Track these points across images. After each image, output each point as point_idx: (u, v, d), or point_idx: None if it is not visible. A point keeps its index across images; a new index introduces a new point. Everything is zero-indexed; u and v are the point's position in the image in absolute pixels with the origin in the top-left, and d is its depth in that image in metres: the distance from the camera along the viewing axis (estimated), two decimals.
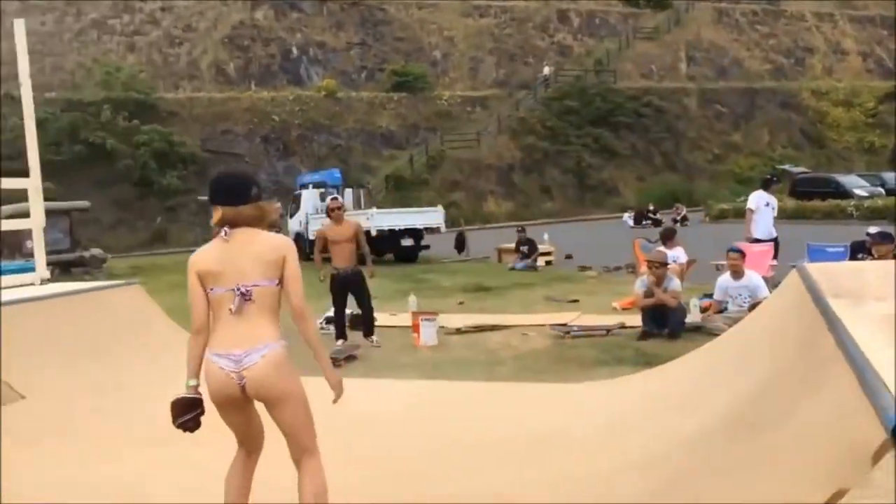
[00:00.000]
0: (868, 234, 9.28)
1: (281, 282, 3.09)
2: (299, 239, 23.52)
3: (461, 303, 12.14)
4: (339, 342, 8.61)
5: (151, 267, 21.27)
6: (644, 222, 29.82)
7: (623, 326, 9.01)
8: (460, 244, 21.57)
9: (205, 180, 35.32)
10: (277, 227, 3.78)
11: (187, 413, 3.00)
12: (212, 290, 3.05)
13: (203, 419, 3.10)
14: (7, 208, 18.17)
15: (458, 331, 9.39)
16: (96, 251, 20.89)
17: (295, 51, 43.73)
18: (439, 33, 46.78)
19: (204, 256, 3.11)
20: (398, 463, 4.53)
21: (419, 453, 4.66)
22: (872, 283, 4.33)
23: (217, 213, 3.09)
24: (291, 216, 24.60)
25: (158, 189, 33.92)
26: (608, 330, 8.91)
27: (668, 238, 11.65)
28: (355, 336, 8.91)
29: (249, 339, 3.00)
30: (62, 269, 17.88)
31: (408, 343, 8.84)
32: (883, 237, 8.57)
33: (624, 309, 10.24)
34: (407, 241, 20.39)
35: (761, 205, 11.17)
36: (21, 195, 8.70)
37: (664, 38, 48.45)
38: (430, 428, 5.26)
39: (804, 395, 3.00)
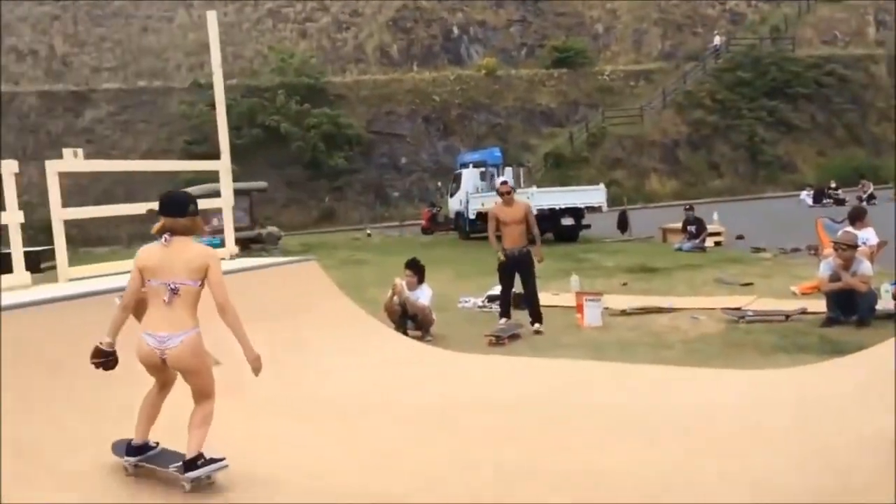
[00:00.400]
0: None
1: (203, 283, 3.85)
2: (459, 217, 23.87)
3: (625, 284, 11.81)
4: (503, 321, 8.60)
5: (321, 244, 22.36)
6: (825, 201, 27.71)
7: (805, 312, 8.40)
8: (623, 223, 20.99)
9: (370, 161, 36.89)
10: (202, 233, 4.34)
11: (100, 358, 3.90)
12: (150, 281, 3.86)
13: None
14: (196, 189, 19.69)
15: (623, 312, 9.13)
16: (273, 229, 22.21)
17: (456, 30, 44.16)
18: (601, 6, 45.57)
19: (148, 254, 3.91)
20: (561, 440, 4.47)
21: (580, 430, 4.57)
22: None
23: (160, 223, 3.90)
24: (452, 195, 24.96)
25: (327, 170, 35.53)
26: (788, 315, 8.34)
27: (857, 218, 10.71)
28: (519, 316, 8.86)
29: (173, 324, 3.81)
30: (242, 245, 19.11)
31: (571, 323, 8.71)
32: None
33: (804, 294, 9.56)
34: (567, 221, 20.10)
35: None
36: (207, 176, 9.34)
37: (849, 1, 44.54)
38: (595, 407, 5.14)
39: None
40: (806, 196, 28.99)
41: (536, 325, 8.47)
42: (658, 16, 45.23)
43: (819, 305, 8.37)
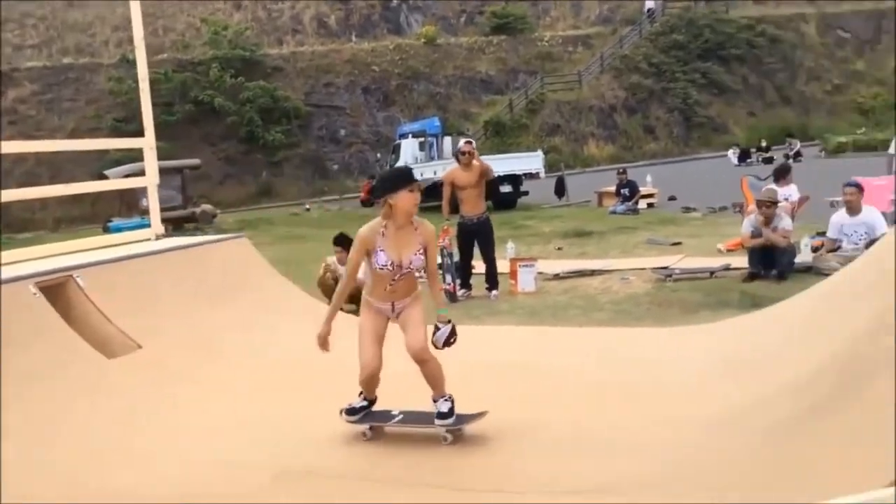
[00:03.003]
0: None
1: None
2: None
3: (560, 248, 12.00)
4: (463, 292, 8.64)
5: (258, 221, 22.08)
6: (748, 160, 28.45)
7: (728, 268, 8.69)
8: (560, 189, 21.24)
9: (308, 134, 36.38)
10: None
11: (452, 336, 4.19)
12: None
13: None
14: (124, 168, 19.22)
15: (557, 276, 9.30)
16: (207, 207, 21.85)
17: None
18: None
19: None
20: (496, 411, 4.57)
21: (512, 399, 4.68)
22: None
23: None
24: (391, 167, 24.83)
25: (264, 144, 34.93)
26: (712, 272, 8.61)
27: (781, 176, 11.09)
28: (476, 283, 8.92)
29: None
30: (175, 224, 18.80)
31: (505, 289, 8.83)
32: None
33: (730, 251, 9.86)
34: (506, 188, 20.24)
35: None
36: (137, 154, 9.12)
37: None
38: (524, 374, 5.26)
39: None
40: (732, 155, 29.68)
41: (494, 292, 8.55)
42: None
43: (742, 261, 8.66)
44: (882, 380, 2.73)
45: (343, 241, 8.56)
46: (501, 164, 20.69)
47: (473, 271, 8.89)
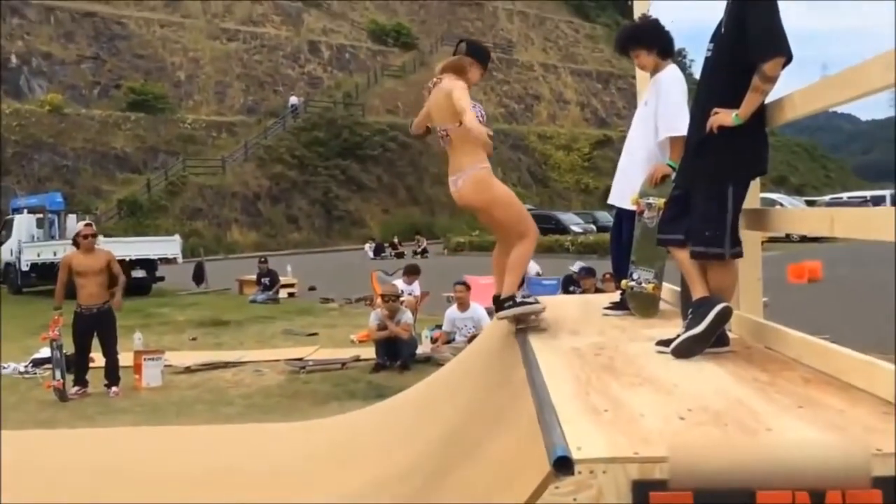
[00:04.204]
0: (574, 271, 10.26)
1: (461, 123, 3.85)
2: (10, 269, 21.07)
3: (194, 339, 11.53)
4: (77, 389, 7.73)
5: None
6: (382, 254, 30.60)
7: (358, 359, 9.09)
8: (199, 275, 20.56)
9: None
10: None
11: None
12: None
13: None
14: None
15: (188, 369, 8.88)
16: None
17: (14, 60, 39.46)
18: (184, 53, 44.81)
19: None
20: None
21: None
22: (569, 317, 4.76)
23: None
24: (2, 244, 21.91)
25: None
26: (343, 363, 8.94)
27: (410, 272, 12.01)
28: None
29: (453, 169, 4.08)
30: None
31: (129, 384, 8.17)
32: (587, 272, 9.51)
33: (361, 342, 10.34)
34: (139, 273, 18.96)
35: None
36: None
37: (410, 77, 50.55)
38: (129, 477, 4.86)
39: (498, 428, 3.18)
40: (368, 249, 31.67)
41: (114, 389, 7.81)
42: (241, 70, 46.00)
43: (371, 352, 9.13)
44: (463, 468, 3.05)
45: None
46: (134, 248, 19.52)
47: (91, 365, 8.11)
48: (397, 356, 8.70)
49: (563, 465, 2.03)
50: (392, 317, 8.94)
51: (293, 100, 44.27)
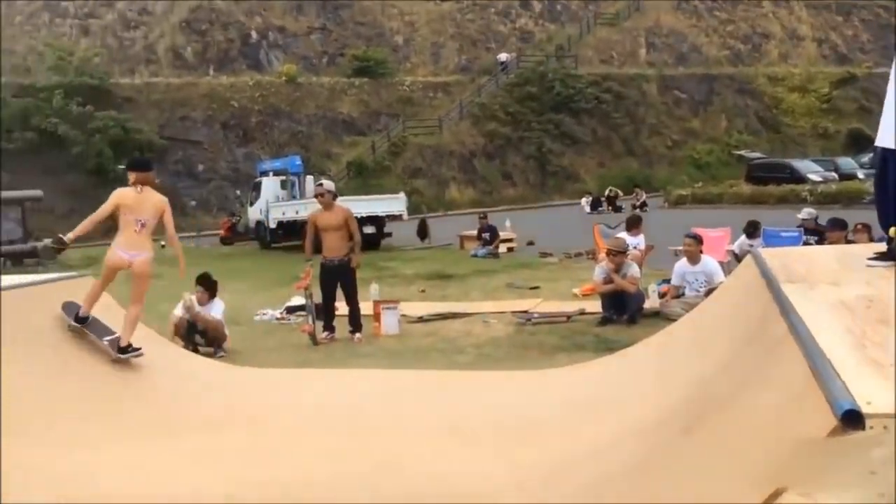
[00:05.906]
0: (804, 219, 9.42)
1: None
2: (260, 227, 23.30)
3: (423, 291, 12.12)
4: (325, 334, 8.48)
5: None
6: (599, 208, 30.06)
7: (583, 313, 9.08)
8: (422, 231, 21.52)
9: (163, 168, 34.85)
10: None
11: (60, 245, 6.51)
12: (125, 215, 6.24)
13: None
14: None
15: (420, 319, 9.37)
16: (49, 241, 20.40)
17: (254, 35, 43.07)
18: (400, 18, 46.41)
19: (124, 195, 6.41)
20: (357, 455, 4.51)
21: (374, 444, 4.64)
22: (825, 268, 4.42)
23: (133, 177, 6.42)
24: (252, 204, 24.30)
25: (114, 177, 33.07)
26: (569, 316, 8.97)
27: (633, 226, 11.73)
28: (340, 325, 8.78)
29: (141, 246, 6.32)
30: (14, 260, 17.45)
31: (369, 331, 8.79)
32: (836, 224, 8.73)
33: (584, 295, 10.31)
34: (369, 229, 20.16)
35: None
36: None
37: (624, 25, 48.67)
38: (386, 418, 5.24)
39: (755, 382, 3.04)
40: (585, 203, 31.26)
41: (357, 335, 8.46)
42: (454, 30, 46.85)
43: (596, 306, 9.08)
44: (717, 422, 2.95)
45: (206, 281, 8.27)
46: (364, 206, 20.75)
47: (337, 313, 8.80)
48: (624, 310, 8.58)
49: (853, 419, 1.90)
50: (618, 270, 8.81)
51: (502, 56, 44.38)
